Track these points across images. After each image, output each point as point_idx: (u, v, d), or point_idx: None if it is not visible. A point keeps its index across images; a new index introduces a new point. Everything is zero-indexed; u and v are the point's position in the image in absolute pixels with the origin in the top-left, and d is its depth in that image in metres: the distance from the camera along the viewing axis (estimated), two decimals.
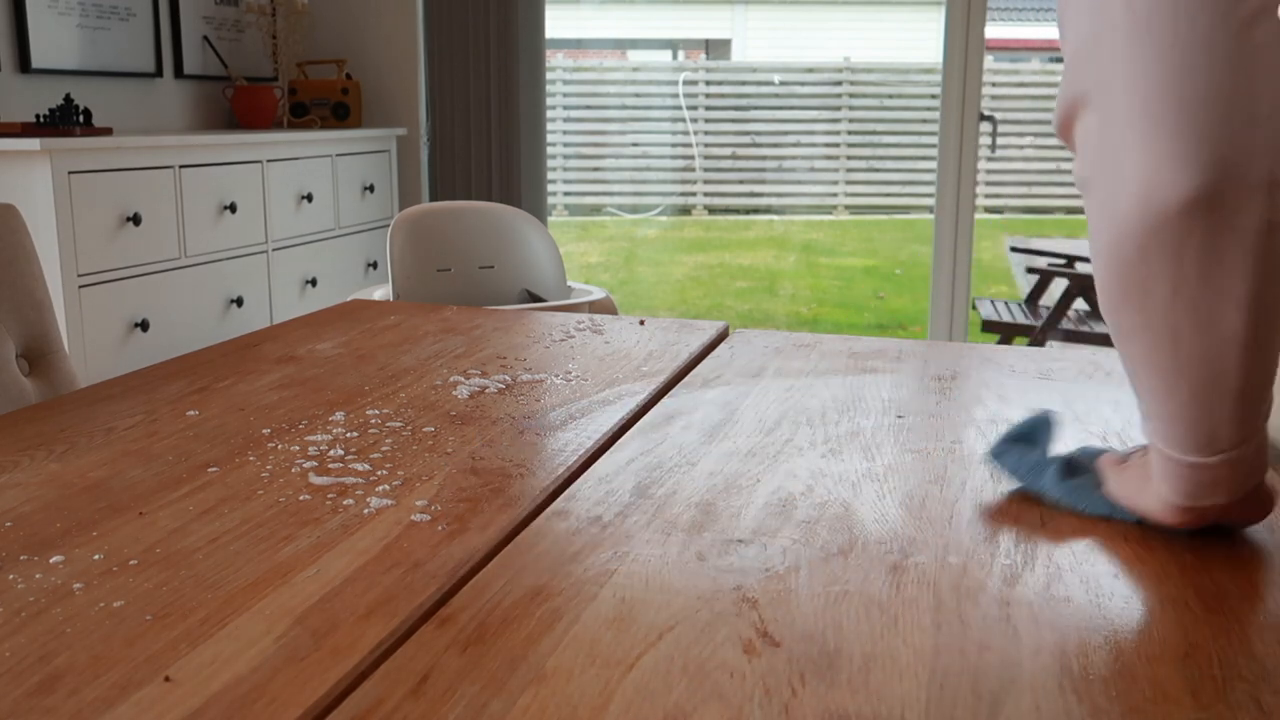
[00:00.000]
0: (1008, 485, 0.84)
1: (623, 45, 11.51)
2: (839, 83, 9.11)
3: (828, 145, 9.22)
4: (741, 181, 9.35)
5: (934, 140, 3.48)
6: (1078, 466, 0.83)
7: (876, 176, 9.04)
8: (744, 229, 8.87)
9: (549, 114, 5.02)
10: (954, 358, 1.26)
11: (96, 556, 0.70)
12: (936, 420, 1.01)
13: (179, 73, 3.50)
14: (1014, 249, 5.45)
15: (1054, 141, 8.19)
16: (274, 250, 3.27)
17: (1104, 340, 3.90)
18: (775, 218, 9.25)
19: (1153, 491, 0.74)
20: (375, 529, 0.74)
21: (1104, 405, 1.07)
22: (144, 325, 2.77)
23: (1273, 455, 0.75)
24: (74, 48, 3.10)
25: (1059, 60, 1.35)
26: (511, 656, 0.58)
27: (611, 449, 0.92)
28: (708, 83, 9.33)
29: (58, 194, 2.50)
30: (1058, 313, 4.12)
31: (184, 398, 1.07)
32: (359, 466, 0.87)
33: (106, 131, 2.78)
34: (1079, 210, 8.89)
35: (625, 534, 0.74)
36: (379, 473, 0.85)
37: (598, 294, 2.70)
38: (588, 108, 9.24)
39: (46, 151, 2.47)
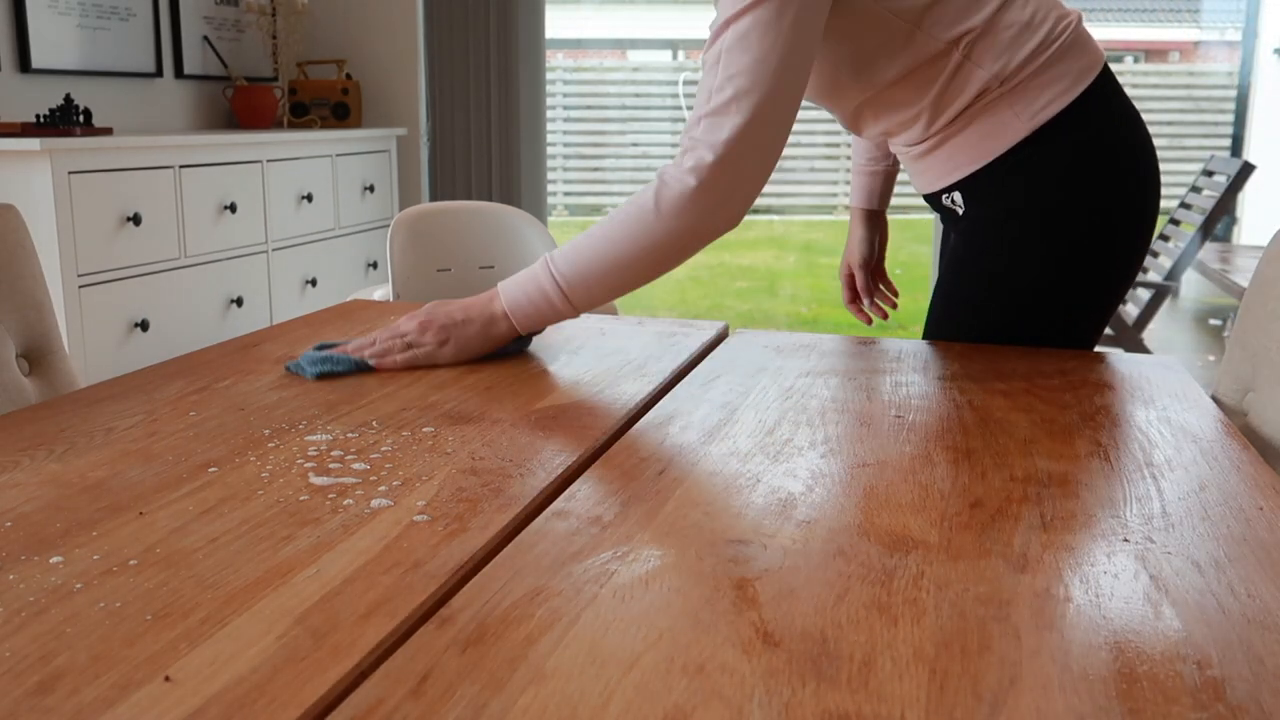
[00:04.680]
0: (309, 371, 1.16)
1: (623, 45, 11.51)
2: None
3: (828, 145, 9.22)
4: None
5: None
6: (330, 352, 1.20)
7: None
8: (744, 229, 8.86)
9: (549, 114, 5.03)
10: (954, 357, 1.26)
11: (96, 556, 0.70)
12: (936, 420, 1.01)
13: (179, 73, 3.50)
14: None
15: None
16: (274, 250, 3.27)
17: (1103, 340, 3.90)
18: (775, 218, 9.25)
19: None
20: (375, 529, 0.74)
21: (1102, 411, 1.07)
22: (144, 325, 2.77)
23: None
24: (74, 48, 3.10)
25: None
26: (511, 656, 0.58)
27: (611, 449, 0.92)
28: None
29: (58, 194, 2.50)
30: None
31: (184, 398, 1.07)
32: (359, 466, 0.87)
33: (106, 131, 2.78)
34: None
35: (625, 534, 0.74)
36: (379, 473, 0.85)
37: None
38: (588, 108, 9.24)
39: (46, 151, 2.47)
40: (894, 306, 1.68)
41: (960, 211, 1.37)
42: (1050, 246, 1.30)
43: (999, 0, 1.25)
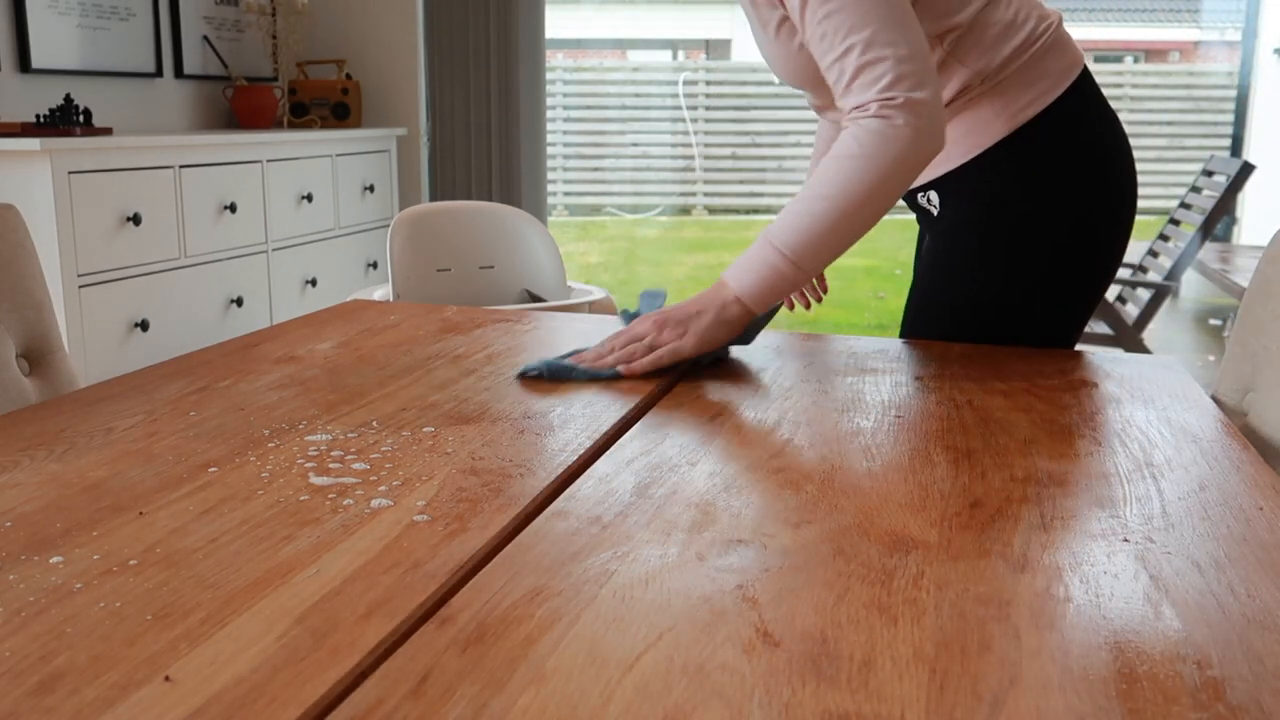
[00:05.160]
0: (535, 372, 1.16)
1: (623, 45, 11.50)
2: None
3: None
4: (741, 181, 9.35)
5: None
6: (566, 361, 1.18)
7: None
8: (744, 229, 8.86)
9: (549, 114, 5.03)
10: (954, 358, 1.26)
11: (96, 556, 0.70)
12: (935, 420, 1.01)
13: (179, 73, 3.50)
14: None
15: None
16: (274, 250, 3.28)
17: (1103, 340, 3.90)
18: (775, 218, 9.23)
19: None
20: (375, 529, 0.74)
21: (1102, 411, 1.07)
22: (144, 325, 2.77)
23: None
24: (74, 48, 3.10)
25: None
26: (511, 656, 0.58)
27: (611, 449, 0.92)
28: (708, 83, 9.33)
29: (58, 194, 2.50)
30: None
31: (184, 398, 1.07)
32: (359, 466, 0.87)
33: (106, 131, 2.78)
34: None
35: (625, 534, 0.74)
36: (379, 473, 0.85)
37: (598, 294, 2.70)
38: (588, 108, 9.24)
39: (46, 151, 2.47)
40: (819, 300, 1.63)
41: (935, 212, 1.37)
42: (1026, 246, 1.30)
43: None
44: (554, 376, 1.15)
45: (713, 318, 1.18)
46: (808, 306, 1.63)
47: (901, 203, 1.48)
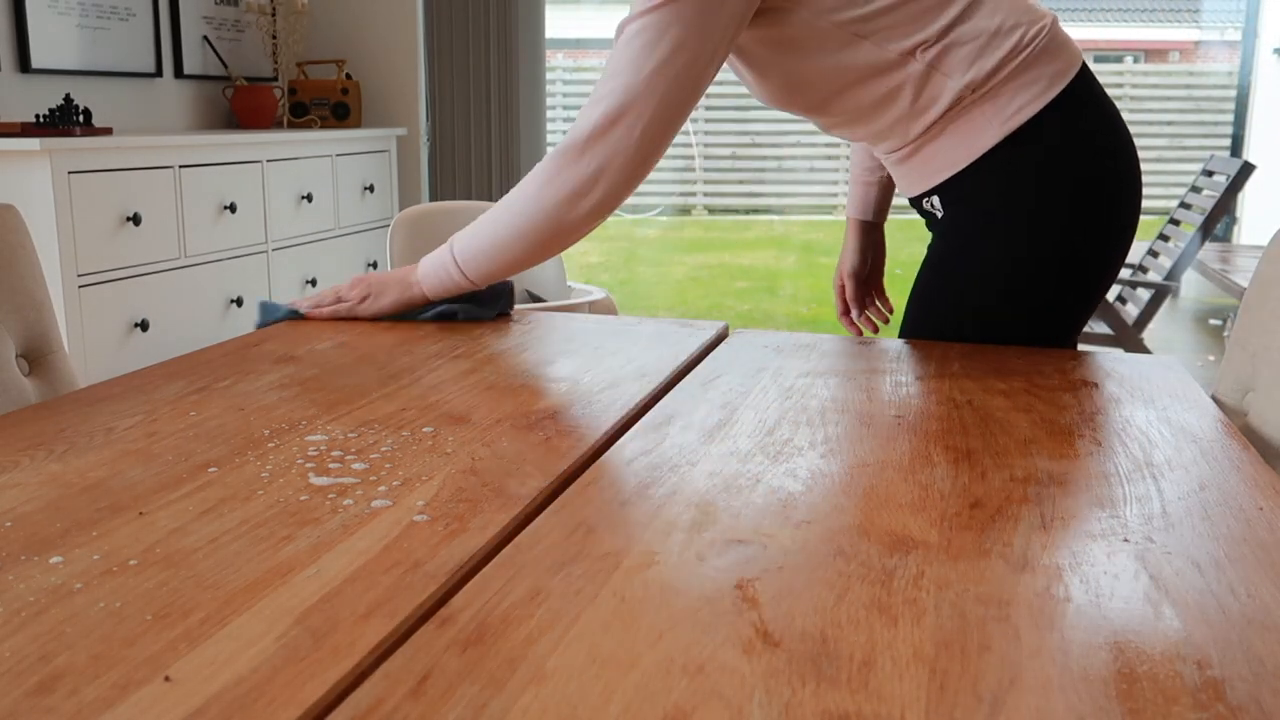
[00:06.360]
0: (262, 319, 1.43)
1: None
2: None
3: (828, 145, 9.22)
4: (741, 181, 9.36)
5: None
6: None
7: None
8: (744, 229, 8.87)
9: (549, 114, 5.03)
10: (954, 357, 1.26)
11: (96, 556, 0.70)
12: (936, 420, 1.01)
13: (179, 73, 3.50)
14: None
15: None
16: (274, 250, 3.27)
17: (1103, 340, 3.90)
18: (775, 218, 9.25)
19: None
20: (375, 529, 0.74)
21: (1102, 411, 1.07)
22: (144, 325, 2.77)
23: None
24: (74, 48, 3.10)
25: None
26: (511, 656, 0.58)
27: (611, 449, 0.92)
28: None
29: (58, 194, 2.50)
30: None
31: (184, 398, 1.07)
32: (359, 466, 0.87)
33: (106, 131, 2.78)
34: None
35: (625, 534, 0.74)
36: (379, 473, 0.85)
37: (598, 294, 2.70)
38: None
39: (46, 151, 2.47)
40: (885, 321, 1.68)
41: (939, 215, 1.37)
42: (1023, 249, 1.30)
43: (957, 10, 1.25)
44: (260, 322, 1.42)
45: (394, 298, 1.41)
46: (875, 330, 1.65)
47: (904, 203, 1.48)
